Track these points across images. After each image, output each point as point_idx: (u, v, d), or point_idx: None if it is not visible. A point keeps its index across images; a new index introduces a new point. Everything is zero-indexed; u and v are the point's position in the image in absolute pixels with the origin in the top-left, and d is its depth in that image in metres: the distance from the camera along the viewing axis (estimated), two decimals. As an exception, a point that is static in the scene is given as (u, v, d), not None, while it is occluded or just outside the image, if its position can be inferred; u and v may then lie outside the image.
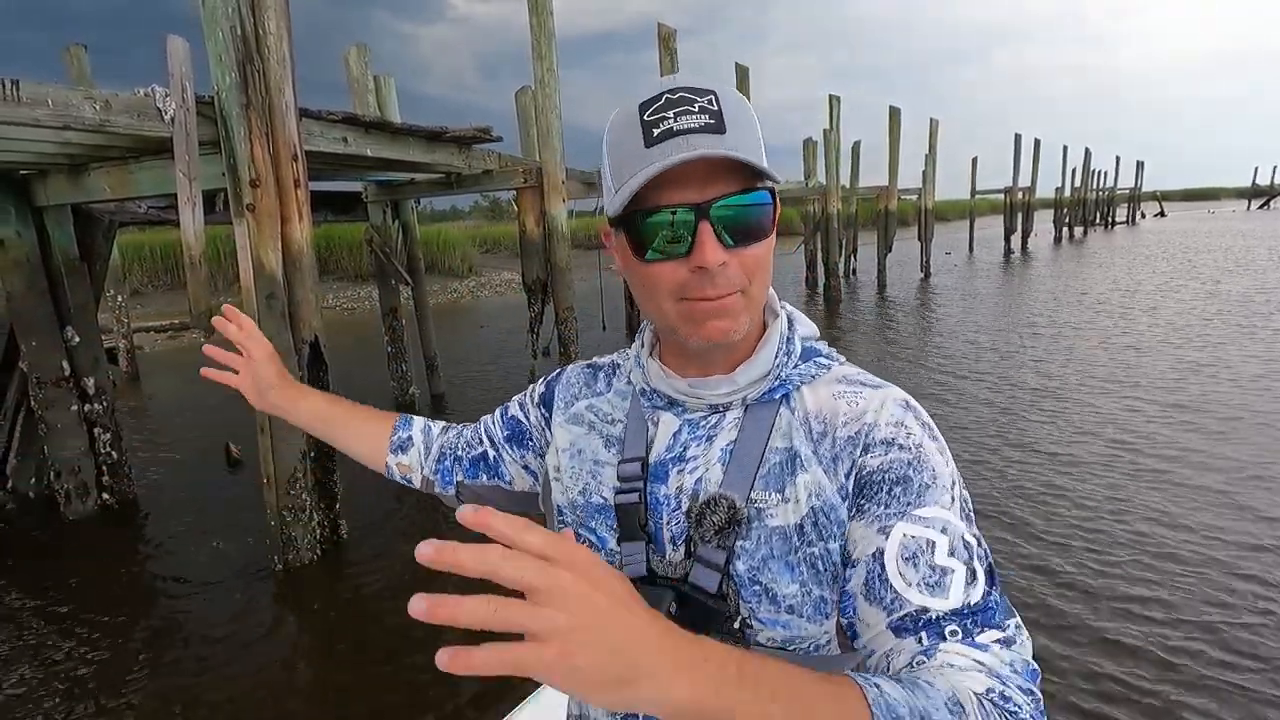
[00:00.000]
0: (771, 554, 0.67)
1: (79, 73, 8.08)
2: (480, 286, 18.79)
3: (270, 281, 3.49)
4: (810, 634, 0.67)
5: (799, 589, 0.66)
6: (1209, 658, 2.73)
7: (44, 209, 4.29)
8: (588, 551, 0.45)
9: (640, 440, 0.76)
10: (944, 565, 0.60)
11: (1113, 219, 43.77)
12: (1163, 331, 9.13)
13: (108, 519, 4.57)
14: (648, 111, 0.64)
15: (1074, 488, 4.37)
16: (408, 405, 7.16)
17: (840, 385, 0.73)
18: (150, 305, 13.75)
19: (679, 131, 0.62)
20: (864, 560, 0.63)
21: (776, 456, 0.70)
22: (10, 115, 2.66)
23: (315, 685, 2.86)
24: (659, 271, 0.66)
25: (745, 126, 0.65)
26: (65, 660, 3.05)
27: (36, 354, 4.37)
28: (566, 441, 0.83)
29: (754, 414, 0.72)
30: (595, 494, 0.77)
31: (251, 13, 3.29)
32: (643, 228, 0.66)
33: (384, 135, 4.55)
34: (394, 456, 0.98)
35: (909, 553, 0.61)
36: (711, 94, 0.64)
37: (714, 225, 0.63)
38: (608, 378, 0.86)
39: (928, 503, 0.63)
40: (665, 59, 7.70)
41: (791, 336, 0.75)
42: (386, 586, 3.60)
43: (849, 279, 17.33)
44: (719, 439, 0.72)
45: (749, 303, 0.68)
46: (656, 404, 0.76)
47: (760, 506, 0.68)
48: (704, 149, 0.61)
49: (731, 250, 0.65)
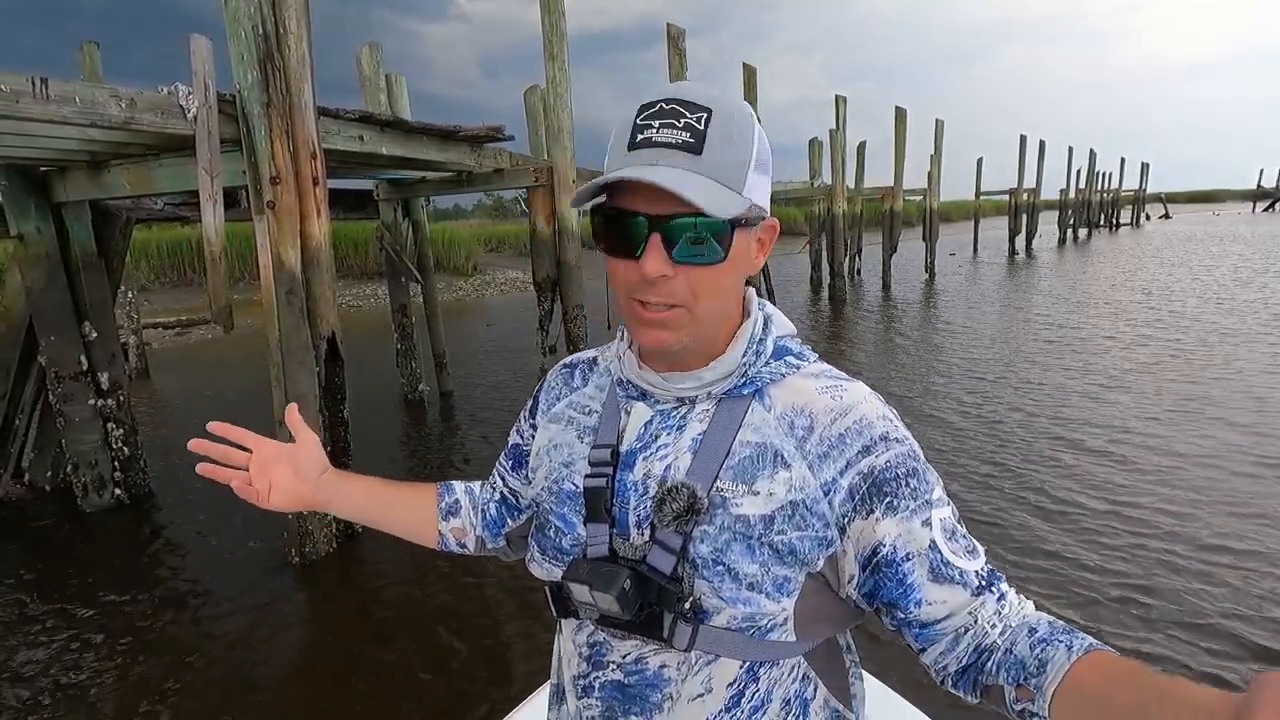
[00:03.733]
0: (734, 538, 0.70)
1: (91, 70, 8.12)
2: (485, 285, 18.82)
3: (290, 278, 3.53)
4: (769, 611, 0.70)
5: (759, 569, 0.69)
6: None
7: (63, 205, 4.34)
8: None
9: (612, 428, 0.78)
10: (961, 531, 0.71)
11: (1117, 221, 43.70)
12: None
13: (123, 512, 4.62)
14: (641, 115, 0.67)
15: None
16: (417, 403, 7.21)
17: (817, 382, 0.76)
18: (157, 302, 13.80)
19: (655, 144, 0.65)
20: (921, 553, 0.68)
21: (746, 450, 0.72)
22: (40, 113, 2.71)
23: (336, 676, 2.91)
24: (615, 267, 0.70)
25: (729, 149, 0.66)
26: (83, 650, 3.10)
27: (55, 348, 4.42)
28: (545, 440, 0.86)
29: (725, 407, 0.74)
30: (566, 481, 0.80)
31: (273, 12, 3.33)
32: (604, 225, 0.70)
33: (399, 134, 4.59)
34: (445, 523, 0.96)
35: (949, 532, 0.69)
36: (705, 112, 0.65)
37: (664, 239, 0.66)
38: (584, 373, 0.88)
39: (933, 485, 0.71)
40: (674, 59, 7.73)
41: (764, 337, 0.77)
42: (402, 578, 3.65)
43: (854, 279, 17.33)
44: (689, 429, 0.74)
45: (693, 320, 0.70)
46: (631, 394, 0.79)
47: (726, 496, 0.70)
48: (663, 166, 0.64)
49: (679, 266, 0.67)
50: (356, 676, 2.88)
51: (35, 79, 2.71)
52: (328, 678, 2.89)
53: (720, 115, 0.66)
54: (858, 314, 12.68)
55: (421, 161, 5.09)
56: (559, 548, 0.80)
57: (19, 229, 4.24)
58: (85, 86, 2.90)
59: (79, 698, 2.78)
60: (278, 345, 3.55)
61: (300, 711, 2.69)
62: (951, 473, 4.71)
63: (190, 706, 2.72)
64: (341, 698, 2.76)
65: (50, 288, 4.34)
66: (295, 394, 3.59)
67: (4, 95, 2.61)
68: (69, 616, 3.37)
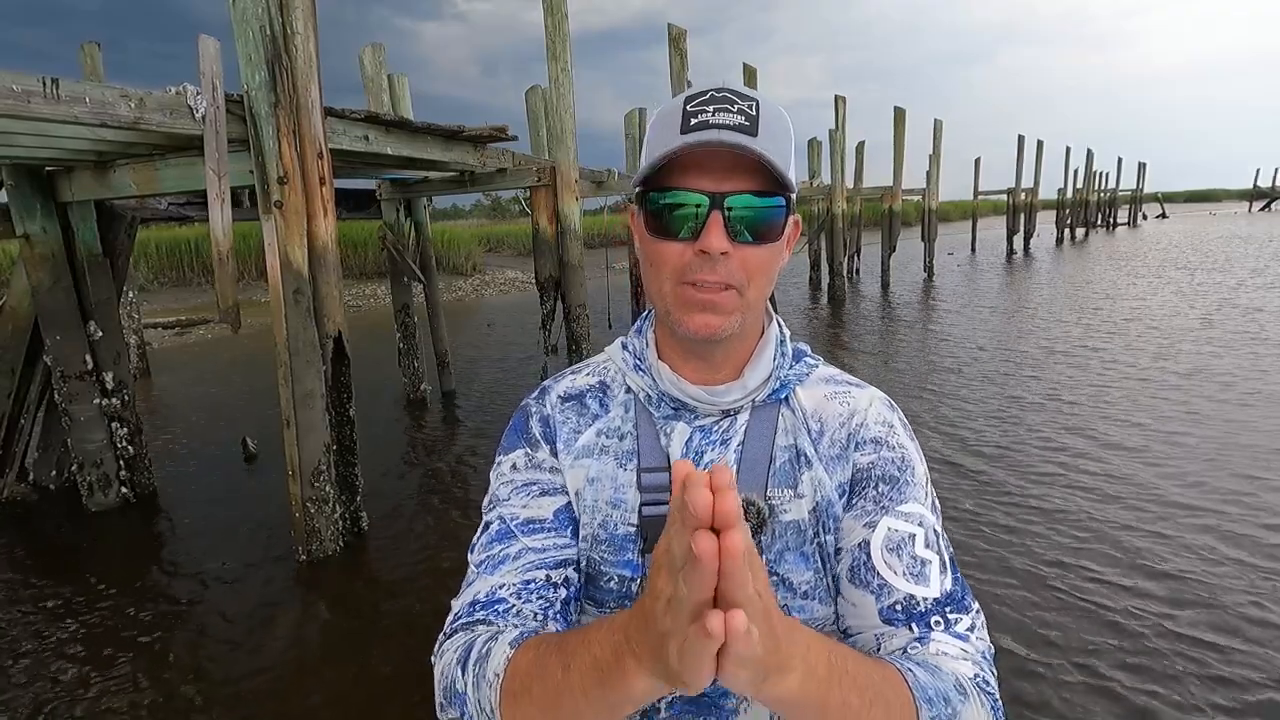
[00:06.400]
0: (788, 547, 0.72)
1: (93, 70, 8.12)
2: (485, 285, 18.83)
3: (297, 277, 3.55)
4: (823, 616, 0.72)
5: (813, 575, 0.72)
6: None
7: (69, 205, 4.35)
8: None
9: (656, 449, 0.75)
10: (923, 556, 0.68)
11: (1114, 220, 43.80)
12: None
13: (129, 511, 4.63)
14: (691, 104, 0.68)
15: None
16: (419, 402, 7.22)
17: (829, 385, 0.78)
18: (156, 302, 13.79)
19: (713, 125, 0.65)
20: (850, 549, 0.70)
21: (784, 455, 0.74)
22: (52, 113, 2.72)
23: (343, 677, 2.92)
24: (666, 251, 0.69)
25: (778, 136, 0.68)
26: (88, 649, 3.11)
27: (60, 348, 4.43)
28: (582, 479, 0.77)
29: (759, 415, 0.75)
30: (620, 525, 0.74)
31: (280, 13, 3.35)
32: (659, 204, 0.69)
33: (404, 133, 4.61)
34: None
35: (893, 544, 0.69)
36: (754, 100, 0.68)
37: (725, 216, 0.67)
38: (599, 399, 0.81)
39: (908, 499, 0.71)
40: (675, 59, 7.76)
41: (785, 339, 0.79)
42: (408, 576, 3.67)
43: (852, 279, 17.38)
44: (732, 441, 0.75)
45: (744, 304, 0.70)
46: (665, 412, 0.77)
47: (775, 504, 0.72)
48: (731, 143, 0.64)
49: (737, 246, 0.67)
50: (364, 676, 2.89)
51: (46, 79, 2.72)
52: (335, 678, 2.90)
53: (766, 105, 0.68)
54: (857, 314, 12.71)
55: (425, 161, 5.11)
56: (623, 594, 0.74)
57: (25, 229, 4.25)
58: (95, 87, 2.91)
59: (83, 696, 2.79)
60: (285, 344, 3.57)
61: (308, 711, 2.70)
62: (953, 473, 4.74)
63: (195, 706, 2.73)
64: (349, 698, 2.77)
65: (56, 287, 4.35)
66: (302, 393, 3.60)
67: (15, 95, 2.62)
68: (75, 615, 3.38)
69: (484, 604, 0.70)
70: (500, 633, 0.66)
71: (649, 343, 0.79)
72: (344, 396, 3.92)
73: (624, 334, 0.84)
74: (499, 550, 0.73)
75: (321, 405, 3.69)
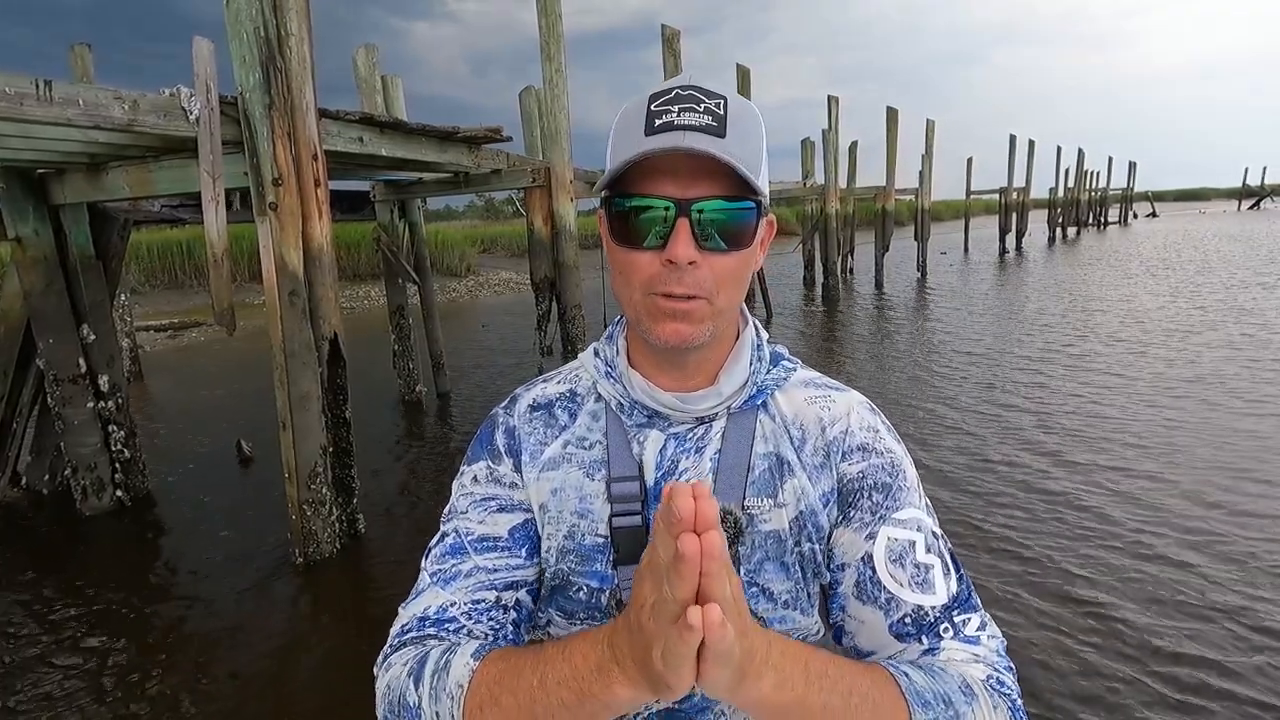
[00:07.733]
0: (767, 556, 0.70)
1: (83, 71, 8.07)
2: (479, 286, 18.80)
3: (292, 279, 3.54)
4: (804, 626, 0.72)
5: (793, 585, 0.70)
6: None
7: (61, 207, 4.32)
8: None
9: (627, 458, 0.73)
10: (925, 562, 0.68)
11: (1105, 219, 44.06)
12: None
13: (123, 515, 4.61)
14: (655, 103, 0.64)
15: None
16: (414, 404, 7.21)
17: (809, 390, 0.76)
18: (148, 304, 13.72)
19: (679, 126, 0.62)
20: (853, 564, 0.69)
21: (764, 463, 0.71)
22: (45, 115, 2.71)
23: (340, 680, 2.91)
24: (634, 260, 0.66)
25: (747, 136, 0.64)
26: (82, 653, 3.09)
27: (53, 351, 4.40)
28: (546, 491, 0.75)
29: (736, 422, 0.73)
30: (589, 536, 0.72)
31: (274, 15, 3.34)
32: (624, 212, 0.65)
33: (398, 135, 4.60)
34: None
35: (895, 554, 0.68)
36: (722, 98, 0.64)
37: (693, 222, 0.63)
38: (568, 408, 0.78)
39: (904, 505, 0.70)
40: (669, 60, 7.77)
41: (761, 343, 0.77)
42: (406, 578, 3.64)
43: (846, 278, 17.43)
44: (707, 449, 0.72)
45: (714, 312, 0.67)
46: (638, 420, 0.74)
47: (753, 513, 0.70)
48: (697, 146, 0.61)
49: (705, 253, 0.64)
50: (361, 679, 2.88)
51: (39, 81, 2.71)
52: (331, 681, 2.89)
53: (735, 103, 0.65)
54: (851, 314, 12.75)
55: (419, 163, 5.10)
56: (593, 606, 0.73)
57: (17, 231, 4.22)
58: (89, 89, 2.90)
59: (77, 701, 2.77)
60: (281, 347, 3.56)
61: (305, 714, 2.69)
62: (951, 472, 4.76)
63: (191, 710, 2.72)
64: (347, 700, 2.77)
65: (48, 290, 4.32)
66: (298, 395, 3.59)
67: (9, 98, 2.61)
68: (69, 619, 3.36)
69: (434, 620, 0.70)
70: (457, 645, 0.65)
71: (620, 349, 0.77)
72: (340, 398, 3.91)
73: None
74: (451, 565, 0.72)
75: (318, 407, 3.68)
